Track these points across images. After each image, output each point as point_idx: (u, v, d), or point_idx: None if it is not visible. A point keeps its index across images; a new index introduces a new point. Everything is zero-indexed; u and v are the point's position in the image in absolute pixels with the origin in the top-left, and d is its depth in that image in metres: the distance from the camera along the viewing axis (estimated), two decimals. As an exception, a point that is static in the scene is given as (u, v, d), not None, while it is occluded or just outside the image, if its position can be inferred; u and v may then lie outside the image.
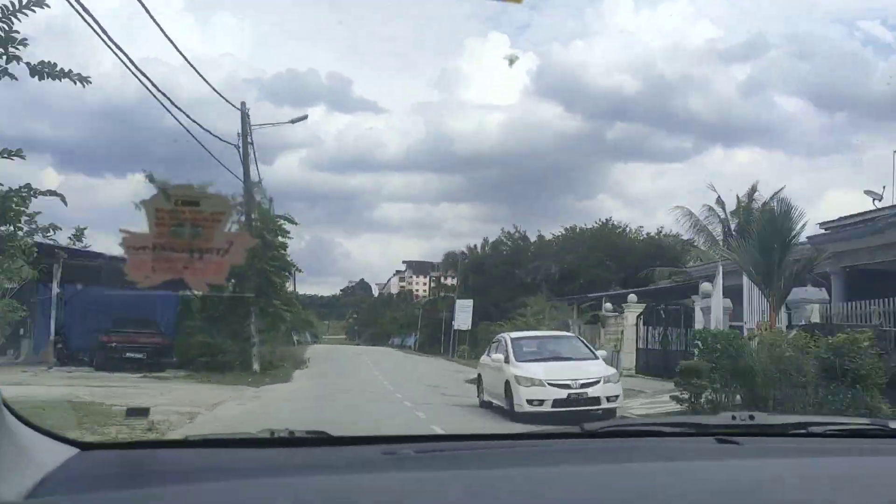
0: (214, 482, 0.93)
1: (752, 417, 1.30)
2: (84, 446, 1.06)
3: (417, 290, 70.94)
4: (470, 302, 31.16)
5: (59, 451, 1.02)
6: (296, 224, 16.90)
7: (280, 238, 16.57)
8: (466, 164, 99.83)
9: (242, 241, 1.08)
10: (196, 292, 12.39)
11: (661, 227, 30.55)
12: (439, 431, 5.48)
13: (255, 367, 14.79)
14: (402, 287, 71.99)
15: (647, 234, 30.97)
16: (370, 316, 60.60)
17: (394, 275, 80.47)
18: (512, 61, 25.96)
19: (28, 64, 4.13)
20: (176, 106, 11.22)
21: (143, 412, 7.01)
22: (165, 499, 0.88)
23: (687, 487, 0.93)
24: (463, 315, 30.91)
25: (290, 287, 21.74)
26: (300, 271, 19.18)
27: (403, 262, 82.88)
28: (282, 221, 16.57)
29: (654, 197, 74.78)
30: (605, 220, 32.37)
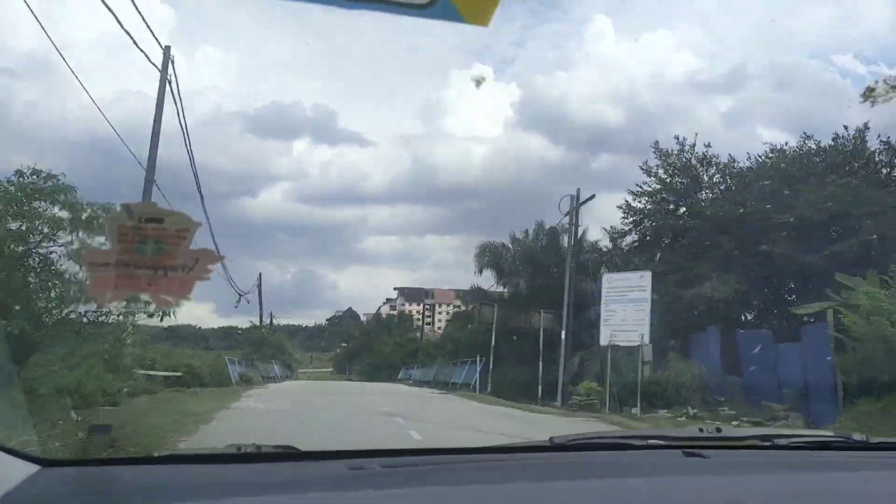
0: (178, 501, 0.99)
1: (718, 430, 1.40)
2: (46, 463, 1.13)
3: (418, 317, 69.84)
4: (647, 277, 14.75)
5: (20, 469, 1.09)
6: None
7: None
8: (452, 195, 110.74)
9: (208, 258, 1.10)
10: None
11: None
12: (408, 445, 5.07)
13: None
14: (398, 312, 70.61)
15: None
16: (365, 344, 57.43)
17: (384, 303, 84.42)
18: (479, 83, 24.67)
19: None
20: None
21: (105, 428, 6.92)
22: None
23: (654, 502, 1.01)
24: (628, 317, 14.40)
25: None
26: None
27: (395, 288, 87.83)
28: None
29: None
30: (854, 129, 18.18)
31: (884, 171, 17.04)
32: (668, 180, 19.06)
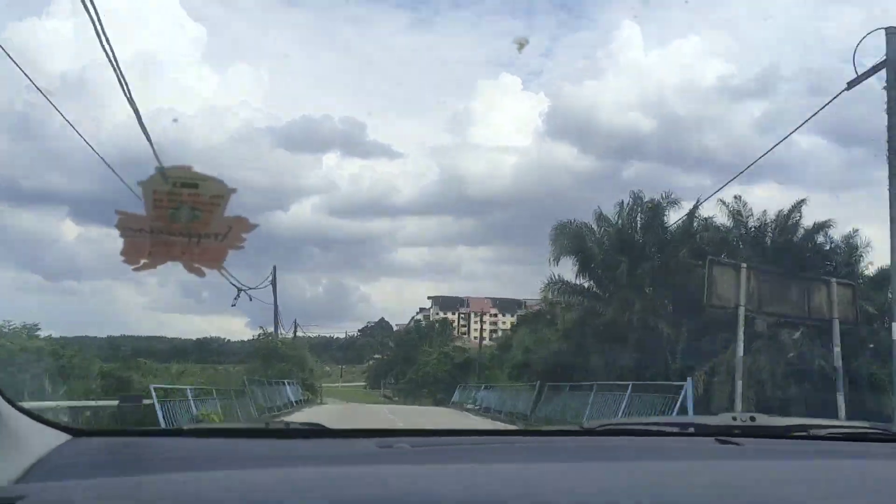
0: (208, 471, 1.26)
1: (752, 419, 1.67)
2: (77, 433, 1.42)
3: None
4: None
5: (52, 437, 1.38)
6: None
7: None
8: (482, 206, 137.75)
9: (241, 226, 1.38)
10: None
11: None
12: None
13: None
14: (438, 319, 76.18)
15: None
16: (402, 355, 58.36)
17: (417, 312, 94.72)
18: (521, 46, 27.16)
19: None
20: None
21: (136, 399, 8.12)
22: (158, 486, 1.17)
23: (686, 487, 1.21)
24: None
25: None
26: None
27: (429, 297, 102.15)
28: None
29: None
30: None
31: None
32: None
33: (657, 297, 23.95)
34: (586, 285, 26.35)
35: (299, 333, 46.13)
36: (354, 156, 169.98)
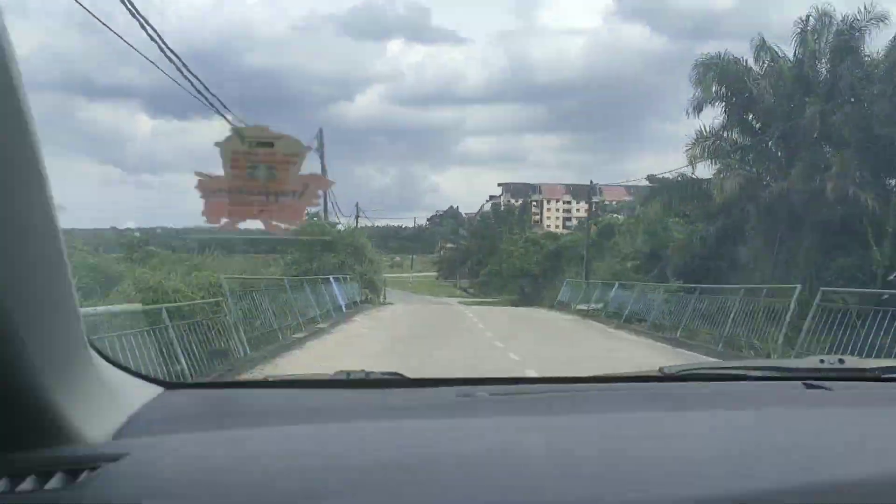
0: (295, 424, 1.72)
1: (841, 361, 2.02)
2: (168, 385, 1.96)
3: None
4: None
5: (144, 391, 1.92)
6: None
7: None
8: (549, 93, 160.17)
9: (318, 183, 1.88)
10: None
11: None
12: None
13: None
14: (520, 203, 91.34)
15: None
16: (480, 245, 62.35)
17: (487, 200, 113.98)
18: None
19: None
20: None
21: (223, 354, 12.10)
22: (249, 440, 1.61)
23: (775, 434, 1.53)
24: None
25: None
26: None
27: (499, 184, 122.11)
28: None
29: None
30: None
31: None
32: None
33: (858, 158, 21.94)
34: (749, 142, 24.98)
35: (363, 222, 47.59)
36: (419, 42, 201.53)
